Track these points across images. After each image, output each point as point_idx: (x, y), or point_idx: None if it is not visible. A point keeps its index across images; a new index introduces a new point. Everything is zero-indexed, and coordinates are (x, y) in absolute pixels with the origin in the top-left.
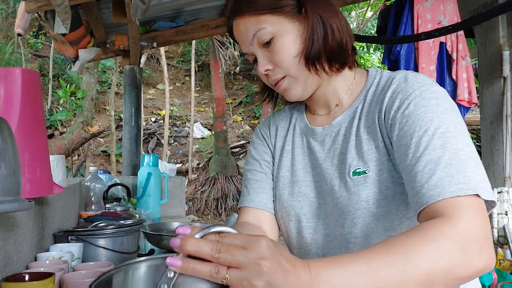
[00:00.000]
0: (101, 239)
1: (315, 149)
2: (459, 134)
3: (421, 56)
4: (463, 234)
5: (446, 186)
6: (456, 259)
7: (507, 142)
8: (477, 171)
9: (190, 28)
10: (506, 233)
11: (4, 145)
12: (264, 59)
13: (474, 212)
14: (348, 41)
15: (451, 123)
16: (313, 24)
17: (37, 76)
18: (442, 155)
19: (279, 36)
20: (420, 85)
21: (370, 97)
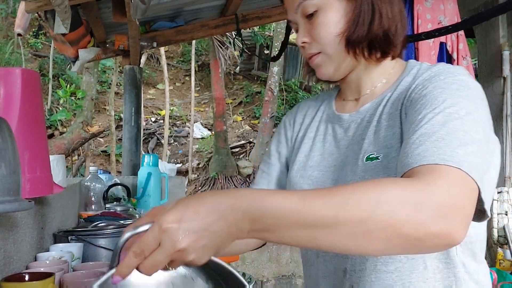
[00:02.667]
0: (101, 239)
1: (339, 136)
2: (470, 120)
3: (421, 56)
4: (426, 194)
5: (428, 155)
6: (403, 214)
7: (507, 142)
8: (472, 153)
9: (190, 28)
10: (506, 233)
11: (4, 145)
12: (304, 30)
13: (451, 181)
14: (396, 31)
15: (465, 108)
16: (361, 5)
17: (37, 76)
18: (439, 130)
19: (323, 10)
20: (449, 72)
21: (402, 86)
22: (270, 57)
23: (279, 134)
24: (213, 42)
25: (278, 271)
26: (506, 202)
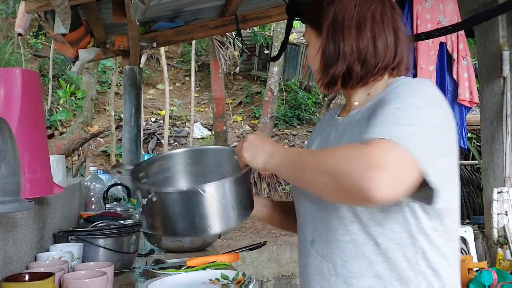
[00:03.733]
0: (101, 239)
1: (331, 136)
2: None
3: (420, 57)
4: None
5: (373, 132)
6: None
7: (507, 142)
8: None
9: (190, 28)
10: (506, 233)
11: (4, 145)
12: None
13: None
14: (366, 60)
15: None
16: (326, 46)
17: (37, 76)
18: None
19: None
20: (411, 83)
21: (378, 97)
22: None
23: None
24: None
25: (278, 271)
26: (506, 202)
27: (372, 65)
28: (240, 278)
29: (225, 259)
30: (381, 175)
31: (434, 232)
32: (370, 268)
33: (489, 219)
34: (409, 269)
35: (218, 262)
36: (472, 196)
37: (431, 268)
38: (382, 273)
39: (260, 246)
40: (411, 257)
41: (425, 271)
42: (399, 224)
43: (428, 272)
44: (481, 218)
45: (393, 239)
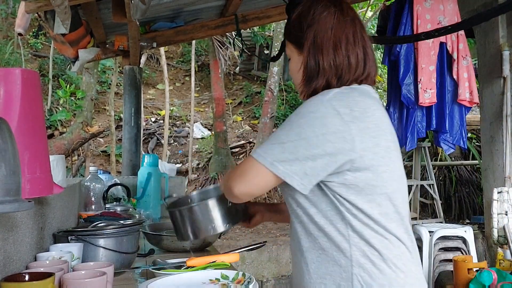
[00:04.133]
0: (101, 239)
1: None
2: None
3: (420, 56)
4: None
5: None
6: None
7: (507, 142)
8: (271, 147)
9: (190, 28)
10: (506, 233)
11: (4, 145)
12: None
13: (244, 162)
14: (342, 76)
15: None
16: (308, 62)
17: (37, 76)
18: (265, 140)
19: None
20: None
21: None
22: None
23: None
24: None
25: (278, 271)
26: (506, 202)
27: (346, 79)
28: (240, 278)
29: (225, 259)
30: (237, 179)
31: (352, 207)
32: (316, 243)
33: (489, 219)
34: (344, 241)
35: (218, 262)
36: (472, 196)
37: (364, 240)
38: (324, 245)
39: (260, 246)
40: (343, 230)
41: (358, 242)
42: (327, 203)
43: (361, 243)
44: (481, 218)
45: (327, 217)
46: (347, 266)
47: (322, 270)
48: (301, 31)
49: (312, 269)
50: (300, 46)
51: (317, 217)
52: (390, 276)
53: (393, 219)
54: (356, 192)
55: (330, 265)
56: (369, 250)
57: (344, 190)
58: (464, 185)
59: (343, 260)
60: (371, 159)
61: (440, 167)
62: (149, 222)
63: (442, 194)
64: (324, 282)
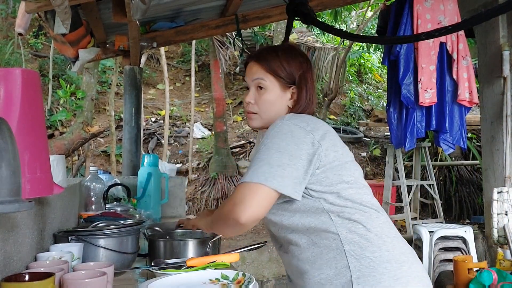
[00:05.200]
0: (101, 239)
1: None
2: (265, 150)
3: (420, 56)
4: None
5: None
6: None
7: (507, 142)
8: (259, 169)
9: (190, 28)
10: (506, 233)
11: (4, 145)
12: (253, 94)
13: (239, 190)
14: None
15: (268, 145)
16: (304, 95)
17: (37, 76)
18: (252, 163)
19: (268, 91)
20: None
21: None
22: None
23: None
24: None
25: (278, 271)
26: (506, 202)
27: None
28: (240, 278)
29: (225, 259)
30: (239, 207)
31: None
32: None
33: (489, 219)
34: (330, 226)
35: (218, 262)
36: (472, 196)
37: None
38: (315, 239)
39: (260, 246)
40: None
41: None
42: (307, 203)
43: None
44: (481, 218)
45: (310, 215)
46: (339, 247)
47: (318, 263)
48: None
49: (310, 266)
50: (287, 84)
51: (302, 218)
52: (378, 242)
53: (364, 195)
54: (328, 183)
55: (324, 255)
56: (353, 225)
57: (318, 185)
58: (464, 185)
59: (334, 244)
60: (333, 154)
61: (440, 167)
62: (149, 223)
63: (442, 194)
64: (322, 272)
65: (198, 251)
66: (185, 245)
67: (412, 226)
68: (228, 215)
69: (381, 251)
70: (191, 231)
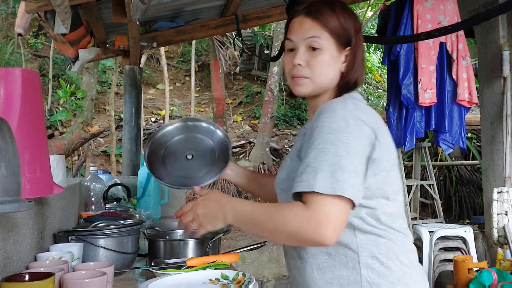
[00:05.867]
0: (101, 239)
1: (293, 150)
2: (331, 149)
3: (420, 56)
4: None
5: (300, 185)
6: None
7: (507, 142)
8: (332, 175)
9: (190, 28)
10: (506, 233)
11: (4, 145)
12: (304, 56)
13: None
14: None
15: (329, 141)
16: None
17: (37, 76)
18: (311, 163)
19: (324, 52)
20: (328, 110)
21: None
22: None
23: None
24: (213, 42)
25: (278, 271)
26: (506, 202)
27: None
28: (240, 278)
29: (225, 259)
30: (327, 229)
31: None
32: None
33: (489, 219)
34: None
35: (218, 262)
36: (472, 196)
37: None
38: (331, 250)
39: (260, 246)
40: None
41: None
42: None
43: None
44: (481, 218)
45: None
46: (355, 268)
47: (328, 275)
48: (350, 30)
49: (318, 275)
50: (343, 43)
51: None
52: (398, 273)
53: (398, 217)
54: (368, 195)
55: (337, 270)
56: (377, 249)
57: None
58: (464, 185)
59: (350, 263)
60: (386, 160)
61: (440, 167)
62: (149, 222)
63: (442, 194)
64: (331, 287)
65: (198, 251)
66: (185, 245)
67: (412, 226)
68: (308, 235)
69: (400, 284)
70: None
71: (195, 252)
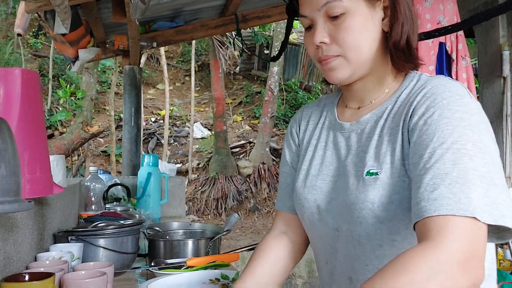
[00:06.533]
0: (101, 239)
1: (340, 145)
2: (477, 152)
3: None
4: (447, 258)
5: (445, 203)
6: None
7: (507, 142)
8: (486, 193)
9: (190, 28)
10: None
11: (4, 145)
12: (324, 30)
13: (462, 234)
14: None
15: (471, 140)
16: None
17: (36, 76)
18: (451, 171)
19: (351, 15)
20: (451, 94)
21: (402, 99)
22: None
23: (289, 143)
24: (213, 42)
25: None
26: None
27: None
28: None
29: (225, 259)
30: (476, 265)
31: None
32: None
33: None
34: None
35: (218, 262)
36: None
37: None
38: None
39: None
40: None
41: None
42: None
43: None
44: None
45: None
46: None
47: None
48: None
49: None
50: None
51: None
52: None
53: None
54: None
55: None
56: None
57: None
58: None
59: None
60: None
61: None
62: (149, 222)
63: None
64: None
65: (198, 251)
66: (185, 245)
67: None
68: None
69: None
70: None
71: (195, 252)
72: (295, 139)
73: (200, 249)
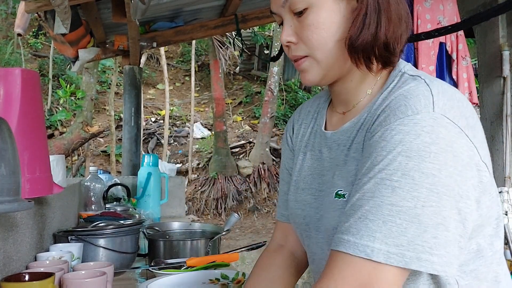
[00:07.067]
0: (101, 239)
1: (324, 155)
2: (405, 184)
3: (420, 57)
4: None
5: (345, 239)
6: None
7: (507, 142)
8: (402, 232)
9: (190, 28)
10: (506, 233)
11: (4, 145)
12: (291, 28)
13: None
14: (402, 37)
15: (403, 168)
16: (367, 6)
17: (36, 76)
18: (365, 204)
19: (314, 9)
20: (404, 109)
21: (377, 105)
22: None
23: (285, 149)
24: (213, 42)
25: None
26: (506, 202)
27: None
28: (240, 278)
29: (225, 259)
30: None
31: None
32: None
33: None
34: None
35: (218, 262)
36: None
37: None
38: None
39: (260, 246)
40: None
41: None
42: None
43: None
44: None
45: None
46: None
47: None
48: None
49: None
50: None
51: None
52: None
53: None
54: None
55: None
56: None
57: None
58: None
59: None
60: (488, 179)
61: None
62: (149, 222)
63: None
64: None
65: (198, 251)
66: (185, 245)
67: None
68: None
69: None
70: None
71: (195, 252)
72: (290, 144)
73: (200, 249)
